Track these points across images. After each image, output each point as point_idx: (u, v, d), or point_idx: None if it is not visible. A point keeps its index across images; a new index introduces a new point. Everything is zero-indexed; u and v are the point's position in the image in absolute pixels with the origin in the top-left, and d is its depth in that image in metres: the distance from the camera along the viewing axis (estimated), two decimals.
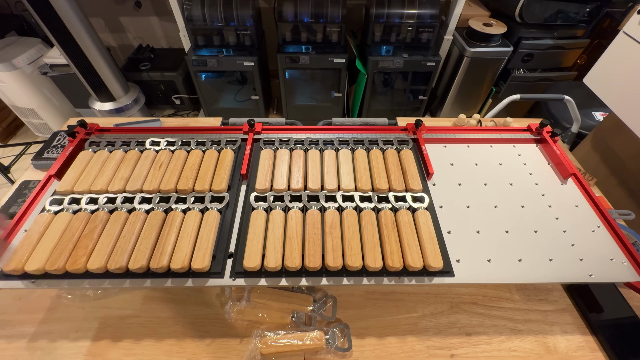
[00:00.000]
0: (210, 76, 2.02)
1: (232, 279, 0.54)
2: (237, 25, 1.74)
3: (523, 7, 1.77)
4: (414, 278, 0.55)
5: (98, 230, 0.57)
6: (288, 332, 0.61)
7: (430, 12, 1.73)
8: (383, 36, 1.82)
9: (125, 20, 2.24)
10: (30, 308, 0.66)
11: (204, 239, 0.55)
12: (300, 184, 0.65)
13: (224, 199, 0.63)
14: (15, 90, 1.87)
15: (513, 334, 0.65)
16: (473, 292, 0.71)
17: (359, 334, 0.64)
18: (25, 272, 0.52)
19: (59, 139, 0.94)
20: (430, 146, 0.77)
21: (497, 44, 1.84)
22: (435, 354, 0.62)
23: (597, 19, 1.89)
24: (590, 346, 0.63)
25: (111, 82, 1.83)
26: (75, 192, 0.63)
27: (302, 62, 1.80)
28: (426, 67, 1.84)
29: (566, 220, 0.65)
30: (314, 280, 0.54)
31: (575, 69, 2.08)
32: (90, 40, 1.64)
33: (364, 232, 0.57)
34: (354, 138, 0.76)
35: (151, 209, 0.61)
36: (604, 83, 1.01)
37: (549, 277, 0.56)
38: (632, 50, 0.90)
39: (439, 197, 0.67)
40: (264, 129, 0.78)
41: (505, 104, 1.25)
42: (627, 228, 0.79)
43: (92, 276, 0.54)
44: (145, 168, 0.67)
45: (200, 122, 1.13)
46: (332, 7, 1.70)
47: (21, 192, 0.80)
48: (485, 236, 0.61)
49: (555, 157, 0.74)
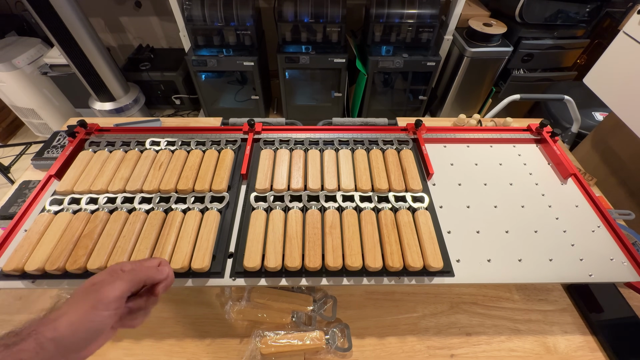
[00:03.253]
0: (210, 76, 2.02)
1: (232, 279, 0.54)
2: (237, 25, 1.74)
3: (523, 7, 1.77)
4: (414, 278, 0.55)
5: (98, 230, 0.57)
6: (288, 332, 0.61)
7: (430, 12, 1.73)
8: (383, 36, 1.82)
9: (125, 20, 2.24)
10: (30, 308, 0.66)
11: (204, 239, 0.55)
12: (300, 184, 0.65)
13: (224, 199, 0.63)
14: (15, 90, 1.87)
15: (513, 334, 0.65)
16: (473, 292, 0.71)
17: (359, 334, 0.64)
18: (25, 272, 0.52)
19: (59, 139, 0.94)
20: (430, 146, 0.77)
21: (497, 44, 1.84)
22: (435, 354, 0.62)
23: (597, 19, 1.89)
24: (590, 346, 0.63)
25: (111, 82, 1.83)
26: (75, 192, 0.63)
27: (302, 62, 1.80)
28: (426, 67, 1.84)
29: (566, 220, 0.65)
30: (314, 280, 0.54)
31: (575, 69, 2.08)
32: (90, 40, 1.64)
33: (364, 232, 0.57)
34: (354, 138, 0.76)
35: (151, 209, 0.61)
36: (604, 83, 1.01)
37: (549, 277, 0.57)
38: (632, 50, 0.90)
39: (439, 197, 0.67)
40: (264, 129, 0.78)
41: (505, 104, 1.25)
42: (627, 228, 0.79)
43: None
44: (145, 168, 0.67)
45: (200, 122, 1.13)
46: (332, 7, 1.70)
47: (21, 192, 0.80)
48: (485, 236, 0.61)
49: (555, 157, 0.74)
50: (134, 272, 0.38)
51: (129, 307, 0.38)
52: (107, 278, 0.37)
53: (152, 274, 0.40)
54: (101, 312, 0.34)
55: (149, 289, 0.41)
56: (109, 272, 0.38)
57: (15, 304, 0.67)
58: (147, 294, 0.41)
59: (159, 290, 0.41)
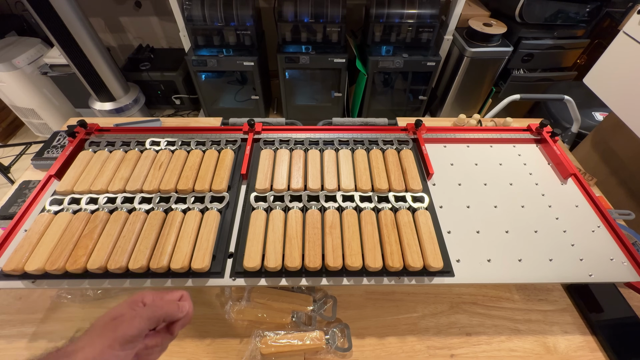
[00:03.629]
0: (210, 76, 2.02)
1: (232, 279, 0.54)
2: (237, 25, 1.74)
3: (523, 7, 1.77)
4: (414, 278, 0.55)
5: (98, 230, 0.56)
6: (288, 332, 0.61)
7: (430, 12, 1.73)
8: (383, 36, 1.82)
9: (125, 20, 2.24)
10: (30, 308, 0.66)
11: (204, 239, 0.55)
12: (300, 184, 0.65)
13: (224, 199, 0.63)
14: (15, 90, 1.87)
15: (513, 334, 0.65)
16: (473, 292, 0.71)
17: (359, 334, 0.64)
18: (25, 272, 0.52)
19: (59, 139, 0.94)
20: (430, 146, 0.77)
21: (497, 44, 1.84)
22: (435, 354, 0.62)
23: (597, 19, 1.89)
24: (590, 346, 0.63)
25: (111, 82, 1.83)
26: (75, 192, 0.63)
27: (302, 62, 1.80)
28: (426, 67, 1.84)
29: (566, 220, 0.65)
30: (314, 280, 0.54)
31: (575, 69, 2.08)
32: (90, 40, 1.64)
33: (364, 232, 0.57)
34: (354, 138, 0.76)
35: (151, 209, 0.61)
36: (604, 83, 1.01)
37: (549, 277, 0.57)
38: (632, 50, 0.90)
39: (439, 197, 0.67)
40: (264, 129, 0.78)
41: (505, 104, 1.25)
42: (627, 228, 0.79)
43: (92, 276, 0.54)
44: (145, 168, 0.67)
45: (200, 122, 1.13)
46: (332, 7, 1.70)
47: (21, 192, 0.80)
48: (485, 236, 0.61)
49: (555, 157, 0.74)
50: (154, 308, 0.38)
51: (146, 344, 0.38)
52: (127, 313, 0.36)
53: (172, 310, 0.39)
54: (117, 352, 0.34)
55: (167, 326, 0.40)
56: (129, 304, 0.38)
57: (15, 304, 0.67)
58: (164, 330, 0.40)
59: (176, 329, 0.40)
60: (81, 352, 0.32)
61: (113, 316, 0.36)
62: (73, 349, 0.33)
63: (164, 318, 0.39)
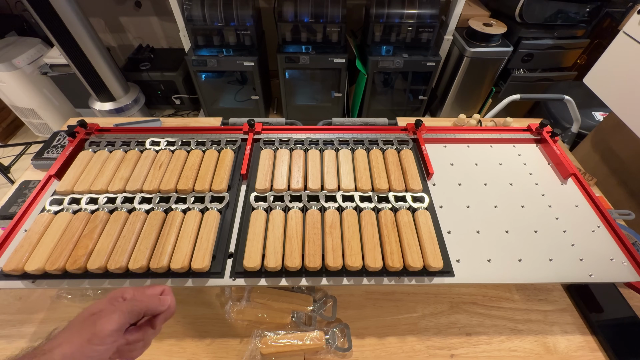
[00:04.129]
0: (210, 76, 2.02)
1: (232, 279, 0.54)
2: (237, 25, 1.74)
3: (523, 7, 1.77)
4: (414, 278, 0.55)
5: (98, 230, 0.57)
6: (288, 332, 0.61)
7: (430, 12, 1.73)
8: (383, 36, 1.82)
9: (125, 20, 2.24)
10: (30, 308, 0.66)
11: (204, 239, 0.55)
12: (300, 184, 0.65)
13: (224, 199, 0.63)
14: (15, 90, 1.87)
15: (513, 334, 0.65)
16: (473, 292, 0.71)
17: (359, 334, 0.64)
18: (25, 272, 0.52)
19: (59, 139, 0.94)
20: (430, 146, 0.77)
21: (497, 44, 1.84)
22: (435, 354, 0.62)
23: (597, 19, 1.89)
24: (590, 346, 0.63)
25: (111, 82, 1.83)
26: (75, 192, 0.63)
27: (302, 62, 1.80)
28: (426, 67, 1.84)
29: (566, 220, 0.65)
30: (314, 280, 0.54)
31: (575, 69, 2.08)
32: (90, 40, 1.64)
33: (364, 232, 0.57)
34: (354, 138, 0.76)
35: (151, 209, 0.61)
36: (604, 83, 1.01)
37: (549, 277, 0.57)
38: (632, 50, 0.90)
39: (439, 197, 0.67)
40: (264, 129, 0.78)
41: (505, 104, 1.25)
42: (627, 228, 0.79)
43: (92, 276, 0.54)
44: (145, 168, 0.67)
45: (200, 122, 1.13)
46: (332, 7, 1.70)
47: (21, 192, 0.80)
48: (485, 236, 0.61)
49: (555, 157, 0.74)
50: (134, 302, 0.37)
51: (127, 339, 0.36)
52: (107, 308, 0.36)
53: (153, 304, 0.39)
54: (97, 347, 0.33)
55: (148, 320, 0.40)
56: (109, 299, 0.37)
57: (15, 304, 0.67)
58: (146, 325, 0.39)
59: (158, 323, 0.39)
60: (59, 349, 0.32)
61: (92, 312, 0.36)
62: (50, 347, 0.32)
63: (145, 312, 0.38)
